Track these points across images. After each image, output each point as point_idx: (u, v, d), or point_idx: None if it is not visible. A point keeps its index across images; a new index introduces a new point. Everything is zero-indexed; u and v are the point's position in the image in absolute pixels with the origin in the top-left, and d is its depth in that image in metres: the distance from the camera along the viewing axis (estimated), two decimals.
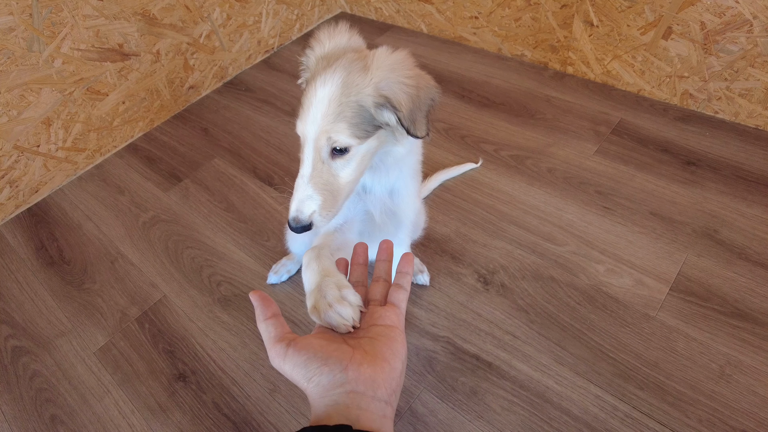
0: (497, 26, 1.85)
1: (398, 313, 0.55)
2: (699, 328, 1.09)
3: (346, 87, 0.63)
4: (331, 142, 0.64)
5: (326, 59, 0.66)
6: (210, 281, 1.33)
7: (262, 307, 0.52)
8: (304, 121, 0.64)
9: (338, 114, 0.63)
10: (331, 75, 0.63)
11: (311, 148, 0.64)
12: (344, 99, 0.63)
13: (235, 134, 1.77)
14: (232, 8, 1.89)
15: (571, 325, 1.12)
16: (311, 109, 0.63)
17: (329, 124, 0.63)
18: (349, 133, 0.64)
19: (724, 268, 1.18)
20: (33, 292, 1.38)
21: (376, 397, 0.46)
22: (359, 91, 0.63)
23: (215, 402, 1.10)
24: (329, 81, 0.63)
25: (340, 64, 0.64)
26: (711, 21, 1.38)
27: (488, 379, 1.06)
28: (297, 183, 0.65)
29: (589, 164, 1.46)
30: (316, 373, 0.46)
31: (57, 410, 1.13)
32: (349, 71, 0.63)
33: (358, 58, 0.65)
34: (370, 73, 0.64)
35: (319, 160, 0.65)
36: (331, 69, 0.63)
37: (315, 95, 0.63)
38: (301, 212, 0.64)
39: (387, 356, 0.49)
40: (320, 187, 0.65)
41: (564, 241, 1.28)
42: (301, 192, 0.64)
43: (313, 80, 0.64)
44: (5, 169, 1.53)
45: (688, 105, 1.58)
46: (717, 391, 0.99)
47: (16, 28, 1.39)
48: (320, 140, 0.64)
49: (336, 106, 0.63)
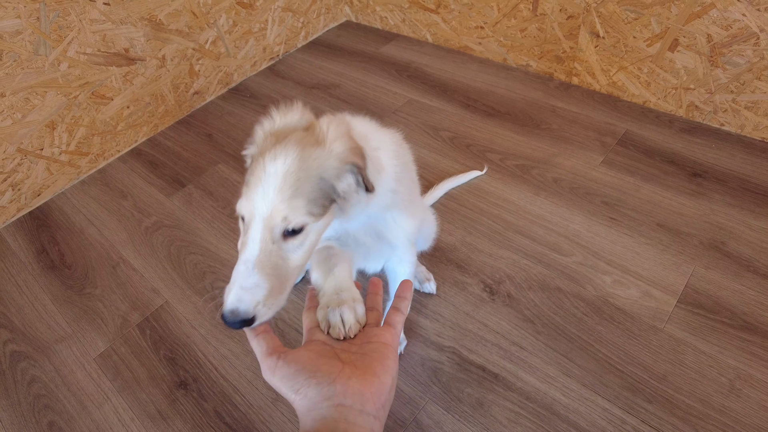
0: (503, 36, 1.85)
1: (393, 333, 0.56)
2: (707, 341, 1.07)
3: (303, 161, 0.58)
4: (286, 223, 0.56)
5: (275, 136, 0.61)
6: (212, 287, 1.31)
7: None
8: (251, 199, 0.57)
9: (295, 190, 0.57)
10: (283, 150, 0.58)
11: (260, 228, 0.56)
12: (302, 174, 0.57)
13: (240, 140, 1.77)
14: (238, 15, 1.90)
15: (578, 337, 1.11)
16: (260, 186, 0.56)
17: (285, 202, 0.56)
18: (306, 210, 0.58)
19: (732, 280, 1.17)
20: (33, 297, 1.36)
21: (364, 411, 0.46)
22: (320, 164, 0.59)
23: (217, 410, 1.08)
24: (281, 156, 0.57)
25: (291, 139, 0.59)
26: (717, 33, 1.38)
27: (494, 391, 1.04)
28: (238, 269, 0.55)
29: (595, 175, 1.46)
30: (303, 385, 0.46)
31: (55, 417, 1.11)
32: (303, 145, 0.59)
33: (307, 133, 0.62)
34: (327, 144, 0.60)
35: (269, 242, 0.56)
36: (282, 144, 0.59)
37: (264, 171, 0.57)
38: (242, 302, 0.53)
39: (377, 371, 0.49)
40: (268, 272, 0.55)
41: (570, 251, 1.27)
42: (245, 279, 0.54)
43: (261, 156, 0.59)
44: (8, 172, 1.52)
45: (693, 117, 1.58)
46: (727, 406, 0.98)
47: (23, 31, 1.39)
48: (273, 219, 0.56)
49: (293, 181, 0.57)
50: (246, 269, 0.54)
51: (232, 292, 0.54)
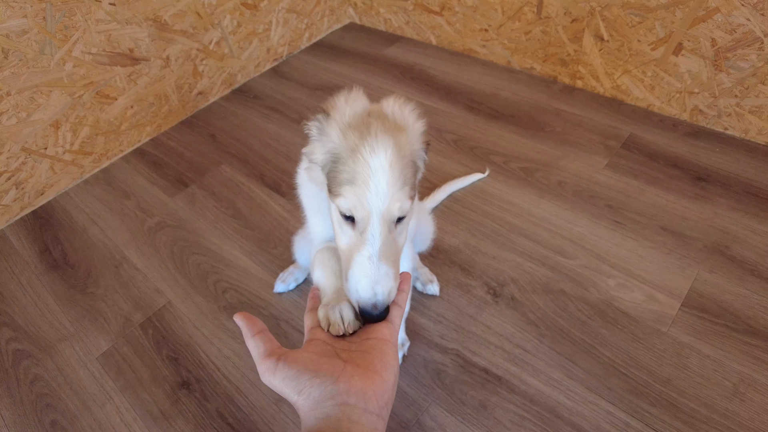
0: (507, 39, 1.85)
1: (391, 328, 0.56)
2: (712, 344, 1.07)
3: (398, 149, 0.59)
4: (400, 212, 0.59)
5: (354, 128, 0.60)
6: (216, 288, 1.31)
7: (248, 325, 0.52)
8: (364, 197, 0.57)
9: (402, 178, 0.59)
10: (378, 143, 0.58)
11: (378, 223, 0.58)
12: (402, 162, 0.59)
13: (243, 141, 1.77)
14: (242, 16, 1.90)
15: (582, 340, 1.11)
16: (371, 181, 0.57)
17: (397, 193, 0.58)
18: (410, 194, 0.60)
19: (736, 284, 1.17)
20: (36, 296, 1.36)
21: (367, 409, 0.46)
22: (411, 148, 0.62)
23: (219, 411, 1.08)
24: (380, 149, 0.57)
25: (377, 129, 0.59)
26: (722, 38, 1.38)
27: (498, 393, 1.04)
28: (363, 263, 0.58)
29: (599, 178, 1.46)
30: (306, 386, 0.46)
31: (57, 416, 1.11)
32: (392, 134, 0.60)
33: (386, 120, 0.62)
34: (407, 126, 0.63)
35: (387, 233, 0.59)
36: (374, 137, 0.58)
37: (369, 167, 0.57)
38: (379, 294, 0.57)
39: (379, 369, 0.49)
40: (390, 260, 0.59)
41: (574, 254, 1.27)
42: (376, 272, 0.57)
43: (354, 151, 0.58)
44: (12, 171, 1.52)
45: (698, 121, 1.58)
46: (731, 410, 0.97)
47: (29, 30, 1.39)
48: (390, 212, 0.58)
49: (398, 171, 0.58)
50: (372, 263, 0.57)
51: (367, 288, 0.57)
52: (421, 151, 0.65)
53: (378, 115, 0.63)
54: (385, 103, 0.64)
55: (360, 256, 0.58)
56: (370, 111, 0.64)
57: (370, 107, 0.65)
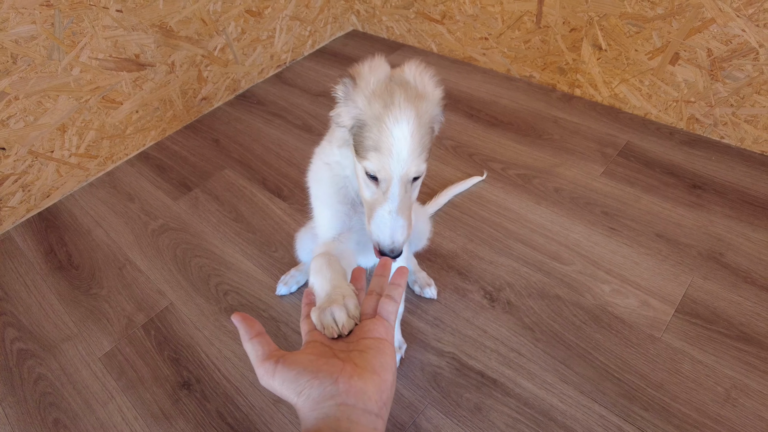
0: (506, 48, 1.88)
1: (387, 326, 0.55)
2: (704, 350, 1.09)
3: (419, 118, 0.65)
4: (417, 173, 0.67)
5: (379, 96, 0.66)
6: (217, 290, 1.33)
7: (246, 327, 0.52)
8: (387, 163, 0.65)
9: (421, 145, 0.66)
10: (401, 113, 0.64)
11: (398, 183, 0.66)
12: (422, 129, 0.65)
13: (246, 146, 1.80)
14: (246, 23, 1.93)
15: (577, 344, 1.12)
16: (393, 149, 0.64)
17: (416, 159, 0.66)
18: (426, 157, 0.68)
19: (729, 291, 1.18)
20: (41, 296, 1.38)
21: (366, 409, 0.46)
22: (430, 115, 0.68)
23: (219, 411, 1.09)
24: (403, 119, 0.64)
25: (400, 98, 0.65)
26: (718, 48, 1.41)
27: (493, 396, 1.06)
28: (383, 216, 0.68)
29: (596, 185, 1.48)
30: (306, 386, 0.46)
31: (60, 414, 1.13)
32: (414, 103, 0.65)
33: (407, 88, 0.67)
34: (427, 94, 0.68)
35: (404, 191, 0.68)
36: (397, 107, 0.64)
37: (392, 135, 0.64)
38: (396, 241, 0.68)
39: (377, 369, 0.49)
40: (405, 214, 0.69)
41: (570, 260, 1.29)
42: (394, 223, 0.68)
43: (379, 120, 0.64)
44: (19, 174, 1.55)
45: (694, 129, 1.60)
46: (723, 415, 0.99)
47: (38, 36, 1.42)
48: (408, 175, 0.66)
49: (418, 139, 0.65)
50: (391, 216, 0.67)
51: (387, 236, 0.68)
52: (440, 115, 0.71)
53: (400, 81, 0.67)
54: (407, 69, 0.69)
55: (382, 209, 0.68)
56: (393, 76, 0.68)
57: (393, 72, 0.69)
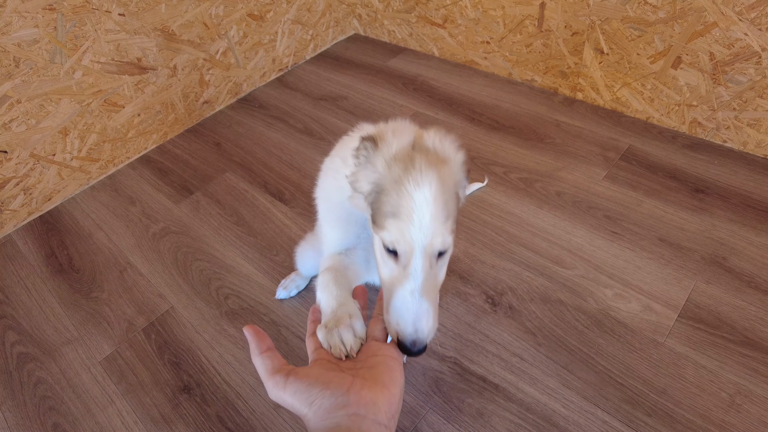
0: (508, 51, 1.88)
1: (396, 346, 0.56)
2: (708, 355, 1.08)
3: (442, 182, 0.59)
4: (443, 246, 0.59)
5: (400, 161, 0.60)
6: (218, 294, 1.33)
7: (257, 341, 0.52)
8: (407, 231, 0.57)
9: (445, 212, 0.58)
10: (423, 176, 0.57)
11: (420, 257, 0.57)
12: (445, 195, 0.59)
13: (248, 149, 1.80)
14: (249, 27, 1.94)
15: (579, 349, 1.12)
16: (415, 215, 0.56)
17: (440, 227, 0.57)
18: (452, 228, 0.60)
19: (733, 296, 1.18)
20: (41, 299, 1.38)
21: (377, 420, 0.46)
22: (454, 180, 0.61)
23: (219, 416, 1.09)
24: (425, 183, 0.57)
25: (422, 162, 0.59)
26: (720, 52, 1.40)
27: (495, 401, 1.05)
28: (403, 297, 0.58)
29: (598, 189, 1.47)
30: (318, 397, 0.46)
31: (60, 419, 1.12)
32: (436, 166, 0.59)
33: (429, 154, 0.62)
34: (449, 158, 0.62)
35: (429, 268, 0.58)
36: (418, 171, 0.58)
37: (413, 200, 0.57)
38: (420, 331, 0.57)
39: (386, 382, 0.50)
40: (431, 296, 0.59)
41: (572, 264, 1.29)
42: (418, 308, 0.57)
43: (399, 184, 0.58)
44: (20, 177, 1.55)
45: (696, 133, 1.59)
46: (727, 421, 0.98)
47: (41, 40, 1.43)
48: (433, 246, 0.58)
49: (442, 204, 0.58)
50: (414, 299, 0.57)
51: (408, 324, 0.56)
52: (464, 180, 0.65)
53: (421, 148, 0.62)
54: (427, 136, 0.64)
55: (402, 290, 0.58)
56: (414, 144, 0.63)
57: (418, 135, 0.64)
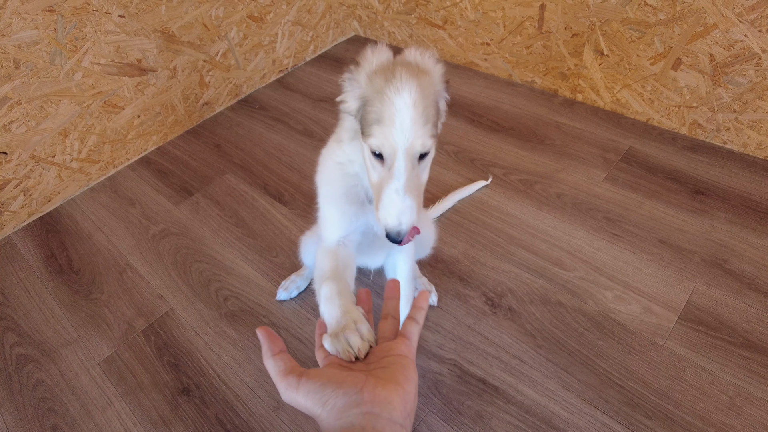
0: (508, 53, 1.88)
1: (409, 344, 0.55)
2: (708, 358, 1.08)
3: (422, 89, 0.64)
4: (423, 148, 0.64)
5: (381, 73, 0.65)
6: (217, 296, 1.33)
7: (269, 344, 0.52)
8: (390, 135, 0.63)
9: (425, 117, 0.64)
10: (403, 83, 0.63)
11: (404, 158, 0.64)
12: (425, 101, 0.64)
13: (248, 151, 1.80)
14: (249, 28, 1.94)
15: (579, 351, 1.11)
16: (396, 119, 0.62)
17: (420, 129, 0.63)
18: (432, 132, 0.65)
19: (733, 298, 1.17)
20: (41, 301, 1.38)
21: (392, 419, 0.45)
22: (433, 89, 0.66)
23: (218, 417, 1.09)
24: (405, 89, 0.62)
25: (402, 72, 0.64)
26: (720, 53, 1.40)
27: (494, 404, 1.05)
28: (390, 195, 0.65)
29: (598, 191, 1.47)
30: (331, 396, 0.46)
31: (59, 420, 1.12)
32: (416, 75, 0.64)
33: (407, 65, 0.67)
34: (428, 69, 0.67)
35: (411, 168, 0.65)
36: (397, 78, 0.63)
37: (394, 105, 0.62)
38: (403, 223, 0.65)
39: (400, 380, 0.49)
40: (414, 194, 0.66)
41: (572, 266, 1.28)
42: (401, 203, 0.64)
43: (380, 94, 0.63)
44: (20, 178, 1.55)
45: (696, 135, 1.59)
46: (728, 423, 0.98)
47: (41, 41, 1.43)
48: (414, 148, 0.64)
49: (421, 109, 0.63)
50: (399, 195, 0.64)
51: (393, 217, 0.65)
52: (443, 92, 0.70)
53: (402, 62, 0.67)
54: (407, 52, 0.69)
55: (388, 189, 0.65)
56: (395, 61, 0.68)
57: (395, 58, 0.69)
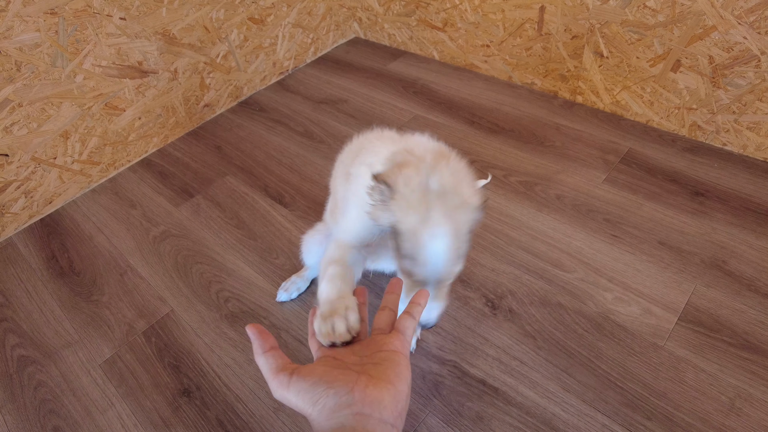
0: (508, 55, 1.88)
1: (402, 339, 0.55)
2: (708, 359, 1.08)
3: (457, 231, 0.66)
4: (452, 277, 0.72)
5: (415, 209, 0.66)
6: (218, 297, 1.33)
7: (260, 341, 0.52)
8: (421, 271, 0.69)
9: (458, 254, 0.68)
10: (438, 227, 0.65)
11: (434, 286, 0.72)
12: (459, 241, 0.67)
13: (248, 153, 1.80)
14: (249, 30, 1.94)
15: (579, 353, 1.12)
16: (429, 262, 0.67)
17: (453, 266, 0.69)
18: (463, 261, 0.71)
19: (733, 299, 1.18)
20: (42, 302, 1.38)
21: (382, 419, 0.45)
22: (469, 223, 0.69)
23: (219, 419, 1.09)
24: (440, 233, 0.65)
25: (438, 213, 0.65)
26: (719, 55, 1.40)
27: (494, 405, 1.05)
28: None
29: (598, 192, 1.47)
30: (322, 396, 0.46)
31: (60, 422, 1.12)
32: (453, 215, 0.65)
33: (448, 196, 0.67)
34: (466, 203, 0.68)
35: (441, 287, 0.74)
36: (433, 222, 0.65)
37: (427, 250, 0.66)
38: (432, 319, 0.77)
39: (392, 379, 0.49)
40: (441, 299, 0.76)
41: (572, 267, 1.29)
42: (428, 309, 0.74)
43: (415, 234, 0.66)
44: (21, 180, 1.55)
45: (696, 136, 1.59)
46: (727, 425, 0.98)
47: (42, 44, 1.43)
48: (444, 280, 0.72)
49: (455, 250, 0.67)
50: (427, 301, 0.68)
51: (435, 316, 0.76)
52: (479, 218, 0.71)
53: (438, 192, 0.66)
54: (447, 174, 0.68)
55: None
56: (430, 182, 0.67)
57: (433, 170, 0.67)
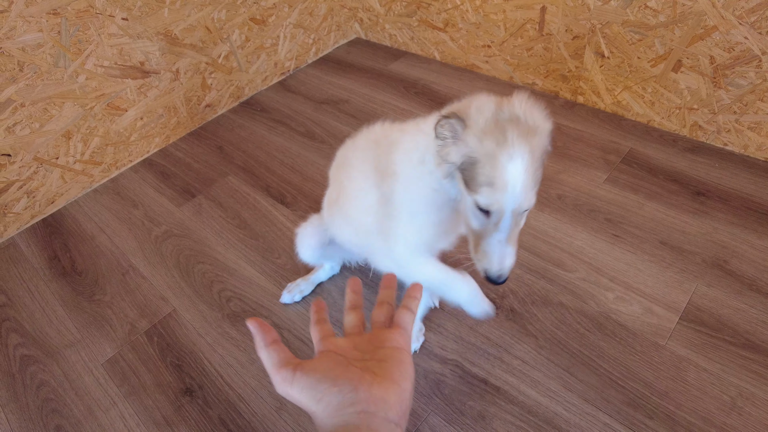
0: (509, 55, 1.89)
1: (405, 335, 0.55)
2: (710, 358, 1.08)
3: (532, 153, 0.66)
4: (529, 206, 0.69)
5: (491, 135, 0.66)
6: (220, 297, 1.33)
7: (262, 334, 0.51)
8: (500, 197, 0.67)
9: (535, 179, 0.68)
10: (516, 150, 0.65)
11: (511, 216, 0.69)
12: (535, 164, 0.67)
13: (250, 153, 1.80)
14: (251, 31, 1.95)
15: (580, 352, 1.12)
16: (509, 185, 0.66)
17: (528, 194, 0.67)
18: (537, 190, 0.69)
19: (734, 298, 1.18)
20: (44, 302, 1.39)
21: (387, 418, 0.45)
22: (542, 149, 0.69)
23: (221, 418, 1.09)
24: (518, 155, 0.65)
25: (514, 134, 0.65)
26: (720, 55, 1.41)
27: (496, 404, 1.05)
28: (492, 244, 0.71)
29: (599, 192, 1.47)
30: (326, 393, 0.46)
31: (62, 421, 1.13)
32: (527, 138, 0.66)
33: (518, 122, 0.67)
34: (539, 128, 0.68)
35: (514, 224, 0.71)
36: (510, 144, 0.65)
37: (507, 171, 0.65)
38: (504, 269, 0.73)
39: (396, 378, 0.48)
40: (513, 241, 0.73)
41: (573, 267, 1.29)
42: (503, 250, 0.72)
43: (493, 158, 0.66)
44: (24, 180, 1.56)
45: (697, 136, 1.60)
46: (729, 424, 0.98)
47: (45, 44, 1.44)
48: (520, 208, 0.69)
49: (531, 174, 0.66)
50: (501, 245, 0.71)
51: (495, 264, 0.72)
52: (548, 146, 0.71)
53: (510, 117, 0.67)
54: (516, 103, 0.69)
55: (492, 239, 0.71)
56: (500, 111, 0.68)
57: (499, 104, 0.69)
